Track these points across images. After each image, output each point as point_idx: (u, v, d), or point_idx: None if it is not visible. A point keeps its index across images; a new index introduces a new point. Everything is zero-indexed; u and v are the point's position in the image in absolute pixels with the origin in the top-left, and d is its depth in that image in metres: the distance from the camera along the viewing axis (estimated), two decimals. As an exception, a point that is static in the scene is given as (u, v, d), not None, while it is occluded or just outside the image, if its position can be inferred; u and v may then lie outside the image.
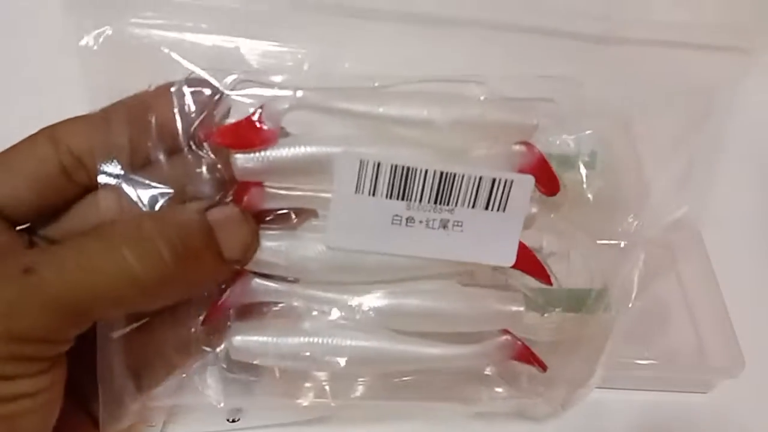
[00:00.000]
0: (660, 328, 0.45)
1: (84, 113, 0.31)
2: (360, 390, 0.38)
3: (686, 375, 0.43)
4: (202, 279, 0.30)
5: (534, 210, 0.32)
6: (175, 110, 0.31)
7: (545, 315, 0.36)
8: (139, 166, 0.31)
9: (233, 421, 0.40)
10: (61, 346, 0.27)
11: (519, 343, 0.35)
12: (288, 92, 0.31)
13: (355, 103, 0.31)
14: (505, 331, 0.35)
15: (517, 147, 0.32)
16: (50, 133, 0.31)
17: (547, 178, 0.32)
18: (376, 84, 0.32)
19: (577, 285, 0.42)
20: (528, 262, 0.33)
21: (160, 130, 0.31)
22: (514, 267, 0.32)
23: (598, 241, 0.44)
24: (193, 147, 0.31)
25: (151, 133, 0.31)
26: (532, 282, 0.34)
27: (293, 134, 0.32)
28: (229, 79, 0.31)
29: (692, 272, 0.46)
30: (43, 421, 0.28)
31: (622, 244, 0.44)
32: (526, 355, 0.35)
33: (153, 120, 0.31)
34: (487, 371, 0.38)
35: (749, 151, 0.56)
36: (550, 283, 0.33)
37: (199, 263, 0.29)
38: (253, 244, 0.31)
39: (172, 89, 0.31)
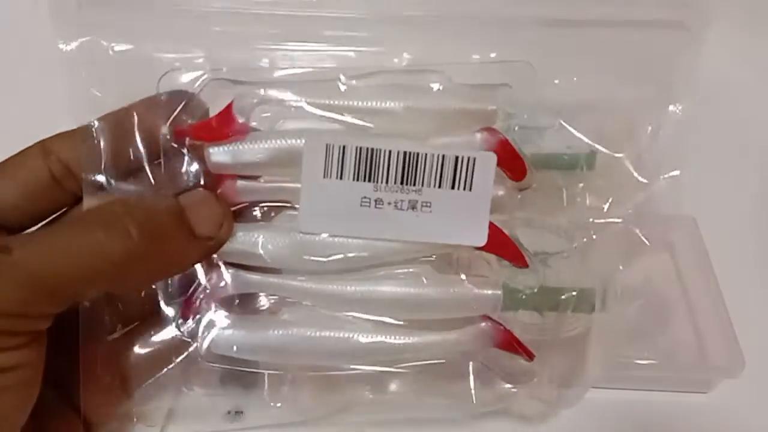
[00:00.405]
0: (660, 328, 0.44)
1: (68, 121, 0.33)
2: (348, 385, 0.38)
3: (686, 375, 0.42)
4: (175, 256, 0.32)
5: (501, 192, 0.32)
6: (153, 116, 0.33)
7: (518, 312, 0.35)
8: (123, 171, 0.33)
9: (233, 421, 0.41)
10: (38, 322, 0.29)
11: (501, 329, 0.35)
12: (257, 89, 0.33)
13: (322, 98, 0.32)
14: (487, 318, 0.35)
15: (480, 134, 0.33)
16: (41, 145, 0.33)
17: (512, 161, 0.32)
18: (342, 77, 0.33)
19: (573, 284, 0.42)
20: (500, 243, 0.33)
21: (141, 137, 0.33)
22: (485, 249, 0.33)
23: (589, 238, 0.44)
24: (172, 148, 0.33)
25: (134, 141, 0.33)
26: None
27: (264, 130, 0.33)
28: (201, 78, 0.33)
29: (692, 272, 0.46)
30: (21, 401, 0.29)
31: (612, 242, 0.45)
32: (510, 341, 0.35)
33: (135, 128, 0.33)
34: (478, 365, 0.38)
35: (750, 149, 0.56)
36: (526, 265, 0.33)
37: (170, 241, 0.31)
38: (227, 222, 0.32)
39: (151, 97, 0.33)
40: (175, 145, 0.33)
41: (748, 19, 0.64)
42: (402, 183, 0.31)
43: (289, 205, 0.34)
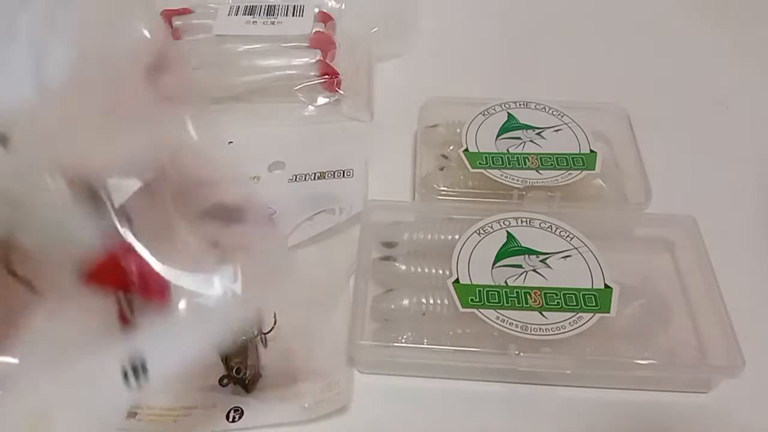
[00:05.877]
0: (660, 328, 0.44)
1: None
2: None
3: (686, 375, 0.42)
4: None
5: None
6: None
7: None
8: None
9: (233, 421, 0.41)
10: None
11: None
12: None
13: None
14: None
15: None
16: None
17: None
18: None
19: (579, 285, 0.42)
20: None
21: None
22: None
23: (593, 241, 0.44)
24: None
25: None
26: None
27: None
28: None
29: (692, 272, 0.46)
30: None
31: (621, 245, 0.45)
32: None
33: None
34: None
35: (750, 149, 0.56)
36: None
37: None
38: None
39: None
40: None
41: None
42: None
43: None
